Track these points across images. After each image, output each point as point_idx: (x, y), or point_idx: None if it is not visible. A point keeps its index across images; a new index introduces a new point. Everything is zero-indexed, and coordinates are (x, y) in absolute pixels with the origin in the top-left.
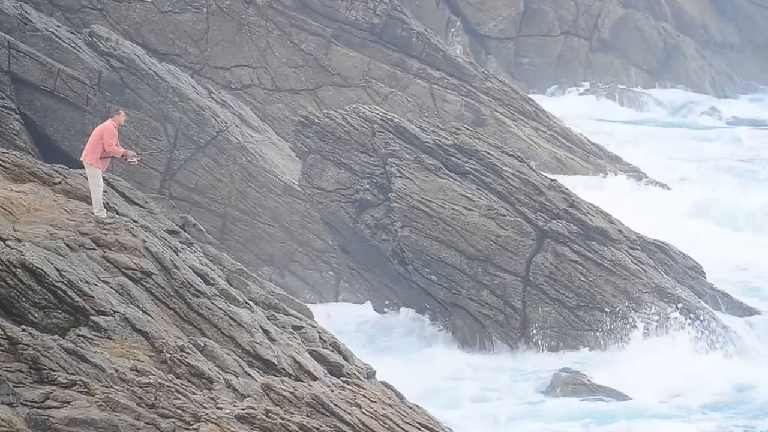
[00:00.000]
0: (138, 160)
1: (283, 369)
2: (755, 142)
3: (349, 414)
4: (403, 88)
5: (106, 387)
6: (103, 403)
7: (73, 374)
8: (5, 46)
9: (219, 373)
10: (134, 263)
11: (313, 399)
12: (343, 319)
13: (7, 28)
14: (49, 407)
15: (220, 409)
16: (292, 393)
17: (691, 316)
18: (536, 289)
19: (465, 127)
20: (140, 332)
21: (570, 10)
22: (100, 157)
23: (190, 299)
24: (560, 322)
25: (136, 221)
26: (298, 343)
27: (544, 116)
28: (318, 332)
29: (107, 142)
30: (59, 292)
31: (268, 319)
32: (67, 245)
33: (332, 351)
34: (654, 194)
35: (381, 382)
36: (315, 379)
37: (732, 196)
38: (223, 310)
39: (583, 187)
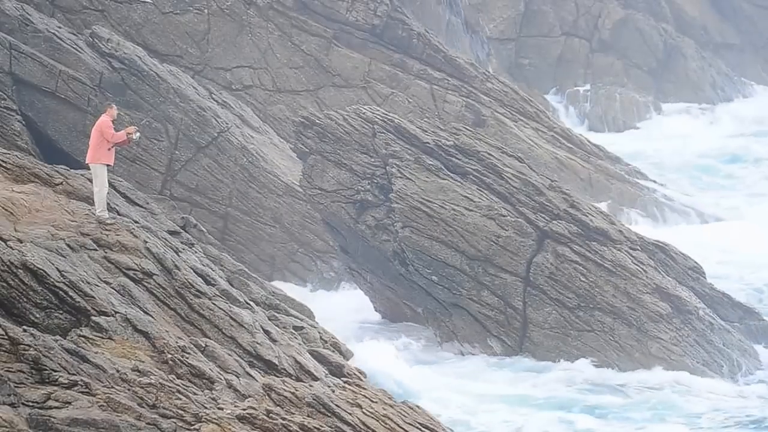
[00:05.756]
0: (140, 134)
1: (284, 369)
2: None
3: (350, 414)
4: (404, 89)
5: (108, 387)
6: (105, 404)
7: (74, 375)
8: (6, 47)
9: (220, 373)
10: (135, 264)
11: (314, 399)
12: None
13: (9, 29)
14: (51, 408)
15: (221, 409)
16: (293, 393)
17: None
18: (537, 289)
19: (465, 128)
20: (141, 333)
21: (570, 11)
22: (108, 149)
23: (191, 300)
24: (560, 323)
25: (137, 222)
26: (299, 344)
27: (544, 117)
28: (319, 332)
29: (107, 134)
30: (60, 292)
31: (269, 319)
32: (69, 246)
33: (333, 351)
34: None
35: None
36: (316, 379)
37: None
38: (224, 311)
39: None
